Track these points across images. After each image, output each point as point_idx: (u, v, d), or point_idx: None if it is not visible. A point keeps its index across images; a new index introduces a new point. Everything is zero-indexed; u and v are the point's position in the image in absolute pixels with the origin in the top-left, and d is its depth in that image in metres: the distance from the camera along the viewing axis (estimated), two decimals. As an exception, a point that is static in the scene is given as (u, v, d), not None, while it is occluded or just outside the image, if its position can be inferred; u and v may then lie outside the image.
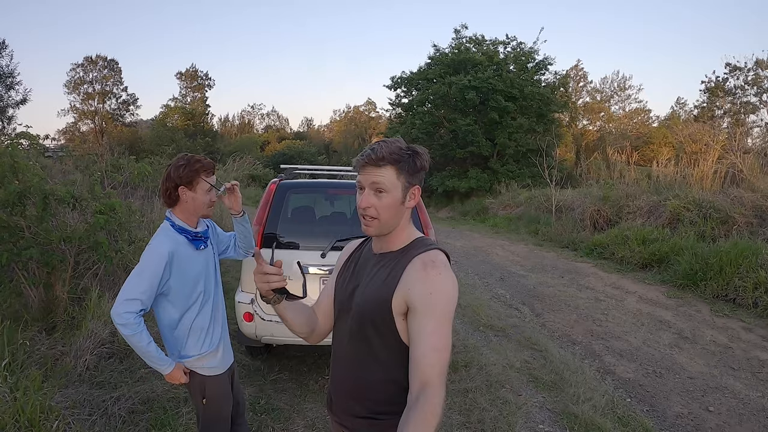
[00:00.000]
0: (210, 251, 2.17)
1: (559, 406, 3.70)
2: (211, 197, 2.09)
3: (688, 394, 4.04)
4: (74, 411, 2.81)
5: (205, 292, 2.10)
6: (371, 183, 1.34)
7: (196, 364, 2.07)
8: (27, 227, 3.91)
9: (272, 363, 4.22)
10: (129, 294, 1.86)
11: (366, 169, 1.34)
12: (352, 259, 1.57)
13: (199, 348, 2.06)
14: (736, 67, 24.83)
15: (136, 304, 1.86)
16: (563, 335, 5.34)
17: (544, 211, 13.72)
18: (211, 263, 2.17)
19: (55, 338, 3.65)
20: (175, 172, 2.02)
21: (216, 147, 35.34)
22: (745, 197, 8.83)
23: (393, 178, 1.34)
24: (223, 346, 2.18)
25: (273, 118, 53.09)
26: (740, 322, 5.71)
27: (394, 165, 1.33)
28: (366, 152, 1.34)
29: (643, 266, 8.35)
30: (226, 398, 2.18)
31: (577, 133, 29.33)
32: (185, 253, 2.01)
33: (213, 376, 2.10)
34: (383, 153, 1.32)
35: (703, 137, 13.13)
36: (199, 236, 2.09)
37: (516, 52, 22.25)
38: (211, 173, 2.09)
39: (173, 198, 2.04)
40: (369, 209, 1.35)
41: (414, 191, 1.39)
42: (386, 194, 1.34)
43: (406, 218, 1.42)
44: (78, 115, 35.94)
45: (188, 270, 2.01)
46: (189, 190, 2.02)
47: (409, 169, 1.35)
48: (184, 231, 2.03)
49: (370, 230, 1.38)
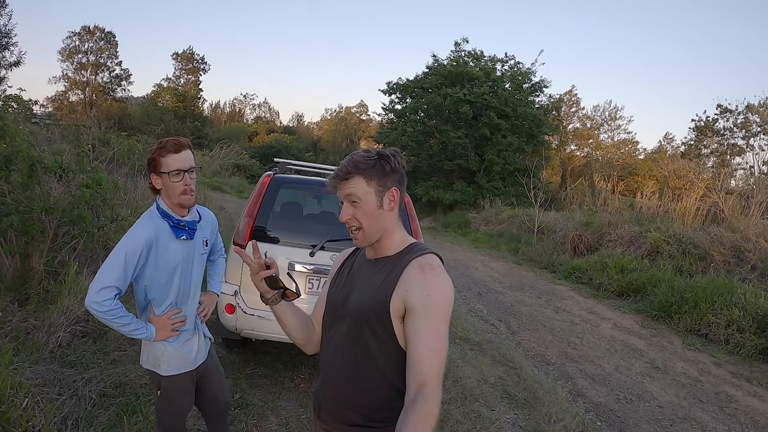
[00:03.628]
0: (194, 245, 2.05)
1: (531, 425, 3.72)
2: (184, 180, 1.91)
3: (657, 422, 4.10)
4: (44, 389, 2.70)
5: (181, 288, 2.01)
6: (345, 195, 1.39)
7: (157, 364, 2.01)
8: (9, 192, 3.78)
9: (248, 357, 4.16)
10: (104, 281, 1.80)
11: (338, 185, 1.39)
12: (346, 265, 1.57)
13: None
14: (727, 109, 25.55)
15: (111, 290, 1.81)
16: (538, 354, 5.38)
17: (526, 231, 13.83)
18: (192, 258, 2.05)
19: (28, 311, 3.52)
20: (148, 159, 1.95)
21: (205, 132, 34.90)
22: (725, 236, 9.02)
23: (363, 186, 1.37)
24: (191, 347, 2.08)
25: (264, 110, 52.62)
26: (711, 357, 5.83)
27: (360, 174, 1.37)
28: (335, 171, 1.39)
29: (620, 294, 8.47)
30: (182, 395, 2.10)
31: (565, 157, 29.71)
32: (164, 240, 1.93)
33: (168, 375, 2.03)
34: (348, 167, 1.37)
35: (687, 173, 13.44)
36: (181, 225, 1.97)
37: (513, 71, 22.45)
38: (173, 153, 1.90)
39: (153, 187, 1.98)
40: (350, 220, 1.39)
41: (392, 193, 1.40)
42: (361, 203, 1.37)
43: (394, 222, 1.43)
44: (69, 84, 35.05)
45: (165, 258, 1.93)
46: (157, 176, 1.92)
47: (378, 173, 1.38)
48: (167, 216, 1.95)
49: (358, 241, 1.42)
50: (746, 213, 10.45)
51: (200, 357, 2.14)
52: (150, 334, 1.93)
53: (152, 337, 1.94)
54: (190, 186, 1.94)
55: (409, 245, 1.43)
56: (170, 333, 1.97)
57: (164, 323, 1.96)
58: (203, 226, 2.12)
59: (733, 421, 4.27)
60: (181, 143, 1.94)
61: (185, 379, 2.08)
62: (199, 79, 39.08)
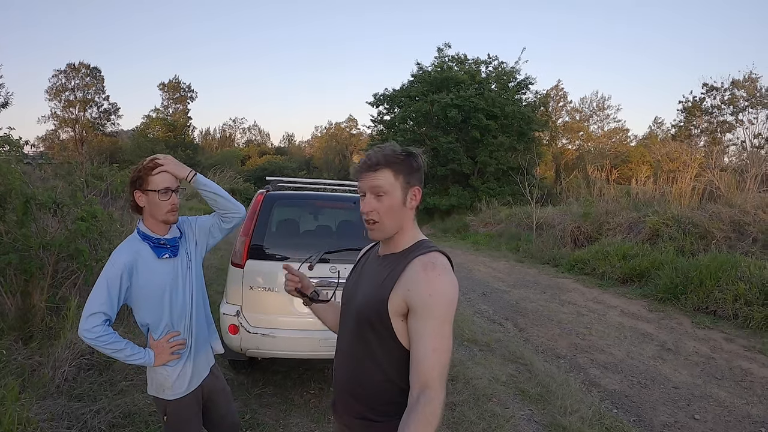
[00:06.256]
0: (179, 262, 2.03)
1: (546, 418, 3.69)
2: (171, 200, 1.94)
3: (673, 403, 4.08)
4: (52, 423, 2.68)
5: (173, 307, 1.98)
6: (370, 187, 1.36)
7: (161, 389, 2.00)
8: (5, 232, 3.78)
9: (256, 377, 4.13)
10: (90, 309, 1.81)
11: (364, 176, 1.37)
12: (361, 260, 1.60)
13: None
14: (713, 87, 25.65)
15: (98, 317, 1.81)
16: (547, 349, 5.36)
17: (525, 228, 13.85)
18: (182, 275, 2.03)
19: (32, 348, 3.50)
20: (131, 177, 1.96)
21: (197, 160, 35.01)
22: (723, 212, 9.04)
23: (391, 179, 1.36)
24: (191, 368, 2.05)
25: (254, 133, 53.00)
26: (721, 333, 5.82)
27: (389, 167, 1.36)
28: (362, 160, 1.37)
29: (624, 281, 8.46)
30: (189, 418, 2.07)
31: (557, 151, 29.89)
32: (146, 261, 1.92)
33: (174, 399, 2.01)
34: (377, 158, 1.35)
35: (680, 156, 13.47)
36: (162, 244, 1.97)
37: (498, 72, 22.65)
38: (162, 172, 1.94)
39: (134, 205, 1.97)
40: (371, 213, 1.37)
41: (414, 192, 1.40)
42: (386, 196, 1.36)
43: (410, 220, 1.43)
44: (58, 122, 35.26)
45: (150, 280, 1.92)
46: (142, 193, 1.93)
47: (405, 170, 1.37)
48: (147, 238, 1.95)
49: (375, 234, 1.40)
50: (742, 188, 10.47)
51: (196, 380, 2.09)
52: (149, 359, 1.91)
53: (152, 362, 1.92)
54: (176, 204, 1.98)
55: (416, 242, 1.42)
56: (170, 357, 1.95)
57: (163, 347, 1.94)
58: (183, 242, 2.09)
59: (750, 393, 4.24)
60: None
61: (191, 402, 2.05)
62: (187, 107, 39.39)
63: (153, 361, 1.93)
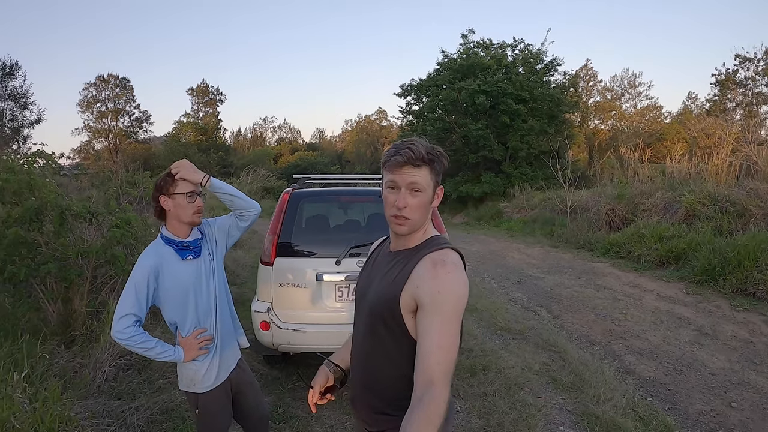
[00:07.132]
0: (202, 262, 2.12)
1: (579, 408, 3.65)
2: (197, 203, 2.07)
3: (710, 390, 3.96)
4: (93, 421, 2.84)
5: (199, 306, 2.08)
6: (409, 183, 1.34)
7: (192, 384, 2.11)
8: (44, 243, 3.98)
9: (290, 372, 4.23)
10: (121, 312, 1.93)
11: (404, 169, 1.34)
12: (373, 255, 1.60)
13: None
14: (746, 58, 24.50)
15: (129, 318, 1.93)
16: (582, 336, 5.28)
17: (559, 213, 13.61)
18: (205, 274, 2.12)
19: (74, 351, 3.69)
20: (156, 183, 2.07)
21: (229, 161, 35.71)
22: (761, 189, 8.68)
23: (428, 177, 1.36)
24: (218, 362, 2.14)
25: (285, 131, 53.48)
26: (761, 316, 5.60)
27: (429, 165, 1.35)
28: (404, 152, 1.33)
29: (661, 264, 8.23)
30: (220, 410, 2.18)
31: (589, 132, 29.08)
32: (171, 263, 2.02)
33: (204, 392, 2.12)
34: (421, 153, 1.33)
35: (716, 131, 12.96)
36: (186, 246, 2.07)
37: (524, 55, 22.15)
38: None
39: (159, 210, 2.07)
40: (405, 209, 1.35)
41: (439, 191, 1.42)
42: (421, 194, 1.35)
43: (428, 217, 1.44)
44: (92, 133, 36.45)
45: (175, 281, 2.02)
46: (168, 197, 2.03)
47: (438, 169, 1.38)
48: (170, 242, 2.05)
49: (403, 229, 1.38)
50: (781, 162, 10.02)
51: (223, 373, 2.18)
52: (179, 356, 2.03)
53: (181, 358, 2.04)
54: (201, 207, 2.10)
55: (428, 239, 1.42)
56: (198, 352, 2.06)
57: (191, 343, 2.05)
58: (205, 243, 2.18)
59: (792, 379, 4.09)
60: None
61: (220, 394, 2.16)
62: (217, 110, 40.14)
63: (183, 357, 2.04)
